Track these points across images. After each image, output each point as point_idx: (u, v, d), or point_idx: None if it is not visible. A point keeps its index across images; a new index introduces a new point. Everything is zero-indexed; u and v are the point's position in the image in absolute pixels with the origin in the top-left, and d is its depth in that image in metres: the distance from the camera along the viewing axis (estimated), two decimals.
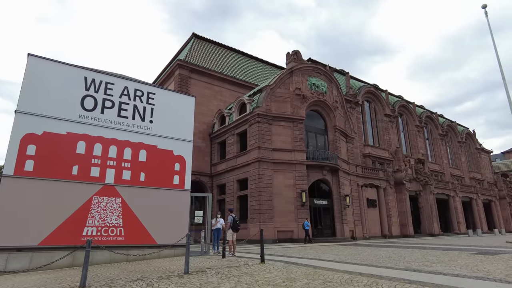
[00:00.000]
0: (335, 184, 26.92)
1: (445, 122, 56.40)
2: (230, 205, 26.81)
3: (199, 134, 30.60)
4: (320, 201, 26.25)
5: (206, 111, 31.57)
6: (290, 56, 27.99)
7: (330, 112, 28.39)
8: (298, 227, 23.54)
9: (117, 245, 11.42)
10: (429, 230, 35.78)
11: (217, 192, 29.21)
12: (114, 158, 12.13)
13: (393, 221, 32.47)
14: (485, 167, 62.69)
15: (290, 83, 26.87)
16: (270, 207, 23.36)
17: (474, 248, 16.00)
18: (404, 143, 46.65)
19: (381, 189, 32.65)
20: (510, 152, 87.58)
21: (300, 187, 24.34)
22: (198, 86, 31.79)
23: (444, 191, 41.14)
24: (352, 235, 27.96)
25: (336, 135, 28.29)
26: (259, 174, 23.80)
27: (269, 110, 25.45)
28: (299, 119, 25.94)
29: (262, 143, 24.50)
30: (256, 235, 22.68)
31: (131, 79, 13.51)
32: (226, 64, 36.39)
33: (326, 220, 26.57)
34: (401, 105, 47.37)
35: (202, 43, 36.52)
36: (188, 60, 32.20)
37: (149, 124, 13.17)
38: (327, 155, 26.66)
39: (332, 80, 29.80)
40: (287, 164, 24.72)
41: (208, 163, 30.41)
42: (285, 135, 25.51)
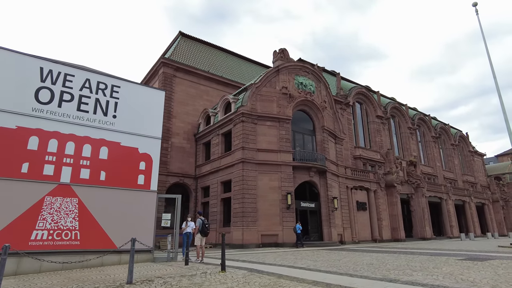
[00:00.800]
0: (323, 186, 26.00)
1: (438, 124, 55.89)
2: (214, 208, 25.79)
3: (183, 134, 29.60)
4: (307, 203, 25.30)
5: (191, 110, 30.60)
6: (277, 54, 27.15)
7: (318, 112, 27.54)
8: (283, 231, 22.55)
9: (72, 250, 10.40)
10: (421, 234, 34.95)
11: (202, 194, 28.18)
12: (71, 155, 11.12)
13: (384, 224, 31.59)
14: (478, 170, 62.21)
15: (277, 81, 26.01)
16: (254, 210, 22.37)
17: (463, 253, 15.12)
18: (397, 145, 45.96)
19: (372, 191, 31.80)
20: (503, 155, 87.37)
21: (286, 189, 23.39)
22: (183, 85, 30.84)
23: (437, 194, 40.40)
24: (340, 239, 27.01)
25: (324, 136, 27.43)
26: (242, 176, 22.83)
27: (254, 110, 24.54)
28: (285, 118, 25.05)
29: (247, 143, 23.56)
30: (238, 239, 21.76)
31: (93, 70, 12.53)
32: (213, 63, 35.51)
33: (313, 224, 25.60)
34: (393, 106, 46.74)
35: (189, 41, 35.63)
36: (174, 59, 31.26)
37: (112, 119, 12.18)
38: (314, 156, 25.77)
39: (321, 80, 29.00)
40: (272, 165, 23.78)
41: (192, 164, 29.39)
42: (271, 135, 24.59)
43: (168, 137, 28.57)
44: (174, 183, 28.11)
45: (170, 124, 28.96)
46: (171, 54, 31.85)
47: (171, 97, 29.72)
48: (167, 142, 28.40)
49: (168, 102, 29.37)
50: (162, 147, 28.03)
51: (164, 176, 27.57)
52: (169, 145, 28.44)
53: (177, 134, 29.19)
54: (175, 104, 29.81)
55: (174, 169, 28.21)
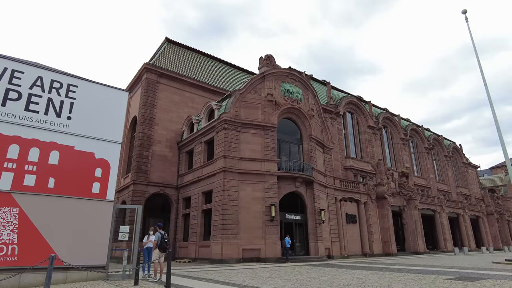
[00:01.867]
0: (310, 198, 24.83)
1: (431, 135, 55.26)
2: (195, 220, 24.46)
3: (166, 142, 28.43)
4: (293, 216, 24.06)
5: (175, 118, 29.51)
6: (263, 61, 26.33)
7: (305, 121, 26.58)
8: (265, 245, 21.23)
9: (6, 268, 9.09)
10: (414, 248, 33.68)
11: (183, 205, 26.84)
12: (14, 160, 9.92)
13: (375, 238, 30.32)
14: (472, 182, 61.40)
15: (262, 88, 25.09)
16: (234, 222, 21.08)
17: (454, 271, 13.95)
18: (389, 156, 45.10)
19: (362, 203, 30.64)
20: (497, 167, 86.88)
21: (270, 200, 22.18)
22: (167, 91, 29.83)
23: (430, 206, 39.31)
24: (328, 253, 25.69)
25: (312, 145, 26.40)
26: (223, 186, 21.62)
27: (238, 116, 23.51)
28: (270, 126, 24.04)
29: (229, 151, 22.44)
30: (217, 254, 20.40)
31: (47, 68, 11.45)
32: (200, 70, 34.64)
33: (299, 237, 24.31)
34: (385, 117, 46.05)
35: (175, 48, 34.82)
36: (159, 65, 30.35)
37: (66, 121, 11.03)
38: (301, 165, 24.66)
39: (308, 88, 28.15)
40: (256, 175, 22.62)
41: (175, 174, 28.12)
42: (255, 143, 23.51)
43: (149, 145, 27.39)
44: (154, 193, 26.79)
45: (151, 131, 27.82)
46: (155, 60, 30.95)
47: (154, 104, 28.67)
48: (148, 150, 27.21)
49: (150, 109, 28.38)
50: (143, 156, 27.06)
51: (144, 186, 26.30)
52: (150, 153, 27.23)
53: (159, 142, 28.01)
54: (158, 111, 28.73)
55: (154, 179, 26.92)
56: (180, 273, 13.27)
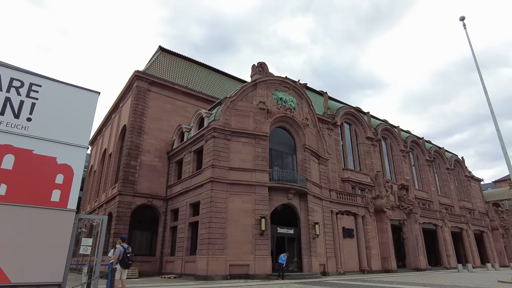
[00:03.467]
0: (303, 210, 23.63)
1: (432, 147, 54.13)
2: (182, 233, 23.25)
3: (155, 152, 27.46)
4: (285, 229, 22.81)
5: (166, 127, 28.63)
6: (255, 68, 25.61)
7: (299, 130, 25.64)
8: (255, 261, 19.94)
9: None
10: (415, 264, 32.11)
11: (171, 218, 25.65)
12: None
13: (373, 253, 28.87)
14: (475, 196, 59.82)
15: (254, 96, 24.26)
16: (222, 236, 19.87)
17: None
18: (388, 169, 43.91)
19: (360, 217, 29.32)
20: (501, 181, 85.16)
21: (260, 213, 21.00)
22: (158, 100, 29.07)
23: (432, 220, 37.84)
24: (323, 270, 24.30)
25: (306, 155, 25.36)
26: (211, 197, 20.51)
27: (228, 125, 22.60)
28: (262, 135, 23.08)
29: (218, 161, 21.42)
30: (202, 270, 19.13)
31: (7, 65, 10.60)
32: (193, 78, 34.00)
33: (292, 252, 22.98)
34: (385, 128, 45.09)
35: (169, 56, 34.29)
36: (151, 73, 29.71)
37: (25, 123, 10.06)
38: (294, 176, 23.56)
39: (303, 96, 27.32)
40: (246, 186, 21.53)
41: (164, 184, 27.04)
42: (246, 153, 22.51)
43: (138, 155, 26.43)
44: (141, 205, 25.66)
45: (140, 140, 26.91)
46: (147, 68, 30.34)
47: (144, 112, 27.86)
48: (136, 160, 26.23)
49: (140, 118, 27.57)
50: (130, 166, 26.06)
51: (130, 197, 25.21)
52: (137, 163, 26.24)
53: (147, 151, 27.05)
54: (147, 120, 27.89)
55: (142, 190, 25.85)
56: None
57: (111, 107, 34.82)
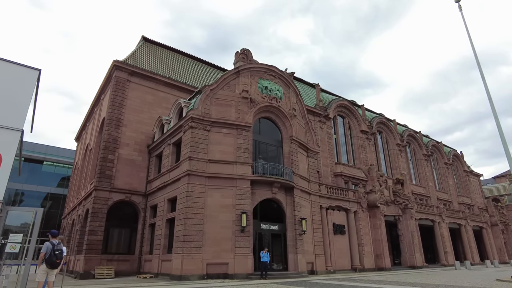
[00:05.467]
0: (290, 205, 22.21)
1: (430, 142, 52.61)
2: (159, 231, 21.85)
3: (134, 145, 26.00)
4: (269, 225, 21.40)
5: (146, 119, 27.16)
6: (239, 55, 24.14)
7: (286, 121, 24.18)
8: (234, 259, 18.55)
9: None
10: (411, 262, 30.69)
11: (150, 214, 24.24)
12: None
13: (366, 251, 27.45)
14: (475, 191, 58.38)
15: (236, 84, 22.80)
16: (199, 233, 18.46)
17: None
18: (384, 163, 42.45)
19: (352, 212, 27.88)
20: (501, 176, 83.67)
21: (242, 208, 19.58)
22: (138, 91, 27.59)
23: (428, 216, 36.39)
24: (311, 268, 22.91)
25: (293, 147, 23.91)
26: (187, 191, 19.07)
27: (208, 114, 21.15)
28: (244, 126, 21.63)
29: (195, 153, 19.98)
30: (177, 269, 17.73)
31: None
32: (177, 69, 32.51)
33: (276, 250, 21.62)
34: (380, 121, 43.58)
35: (152, 47, 32.79)
36: (131, 63, 28.22)
37: None
38: (279, 169, 22.10)
39: (290, 85, 25.84)
40: (226, 179, 20.11)
41: (144, 180, 25.60)
42: (227, 144, 21.07)
43: (115, 148, 24.98)
44: (119, 201, 24.24)
45: (118, 133, 25.45)
46: (127, 58, 28.82)
47: (123, 104, 26.39)
48: (113, 154, 24.79)
49: (118, 109, 26.10)
50: (107, 160, 24.62)
51: (107, 193, 23.79)
52: (115, 157, 24.80)
53: (126, 144, 25.60)
54: (127, 112, 26.42)
55: (120, 185, 24.42)
56: None
57: (93, 101, 33.36)
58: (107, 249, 23.62)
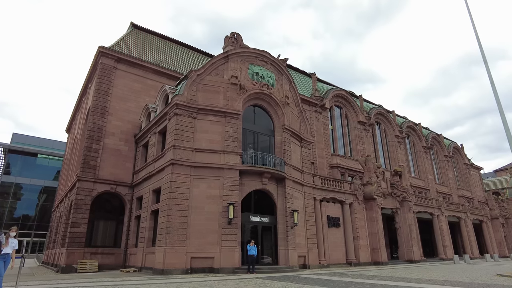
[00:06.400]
0: (281, 197, 21.21)
1: (430, 134, 51.46)
2: (144, 223, 20.92)
3: (120, 135, 24.96)
4: (259, 218, 20.42)
5: (133, 108, 26.09)
6: (228, 39, 22.96)
7: (278, 109, 23.08)
8: (221, 253, 17.61)
9: None
10: (408, 256, 29.80)
11: (136, 206, 23.28)
12: None
13: (362, 244, 26.53)
14: (475, 185, 57.38)
15: (225, 70, 21.66)
16: (183, 226, 17.49)
17: None
18: (382, 155, 41.39)
19: (347, 205, 26.91)
20: (502, 170, 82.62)
21: (229, 199, 18.59)
22: (125, 79, 26.47)
23: (427, 209, 35.44)
24: (304, 262, 22.00)
25: (285, 137, 22.84)
26: (171, 182, 18.06)
27: (194, 101, 20.06)
28: (233, 113, 20.54)
29: (180, 141, 18.92)
30: (160, 263, 16.81)
31: None
32: (167, 56, 31.35)
33: (267, 243, 20.69)
34: (378, 112, 42.41)
35: (141, 33, 31.60)
36: (119, 50, 27.05)
37: None
38: (271, 160, 21.05)
39: (283, 72, 24.68)
40: (213, 169, 19.09)
41: (130, 170, 24.62)
42: (214, 132, 20.00)
43: (100, 137, 23.96)
44: (104, 192, 23.29)
45: (103, 122, 24.40)
46: (114, 45, 27.65)
47: (108, 92, 25.31)
48: (98, 143, 23.77)
49: (103, 97, 25.06)
50: (91, 149, 23.61)
51: (91, 183, 22.83)
52: (100, 146, 23.78)
53: (112, 134, 24.56)
54: (113, 100, 25.34)
55: (105, 176, 23.44)
56: None
57: (81, 90, 32.28)
58: (91, 242, 22.73)
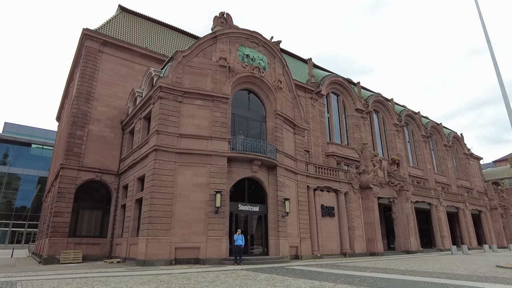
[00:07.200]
0: (272, 185, 20.32)
1: (429, 123, 50.44)
2: (129, 212, 20.06)
3: (106, 121, 23.94)
4: (249, 206, 19.53)
5: (120, 93, 25.00)
6: (217, 20, 21.75)
7: (270, 94, 22.02)
8: (207, 243, 16.80)
9: None
10: (405, 246, 29.08)
11: (123, 195, 22.41)
12: None
13: (357, 234, 25.76)
14: (474, 175, 56.61)
15: (213, 51, 20.52)
16: (167, 214, 16.63)
17: (441, 283, 9.45)
18: (380, 144, 40.46)
19: (342, 194, 26.04)
20: (502, 160, 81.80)
21: (217, 187, 17.69)
22: (112, 63, 25.32)
23: (425, 199, 34.64)
24: (296, 253, 21.23)
25: (278, 123, 21.84)
26: (154, 169, 17.13)
27: (180, 84, 18.99)
28: (221, 97, 19.49)
29: (165, 126, 17.93)
30: (142, 254, 15.99)
31: None
32: (157, 40, 30.11)
33: (257, 233, 19.88)
34: (376, 100, 41.30)
35: (129, 16, 30.30)
36: (105, 33, 25.83)
37: None
38: (262, 146, 20.08)
39: (276, 55, 23.53)
40: (199, 156, 18.14)
41: (117, 158, 23.68)
42: (201, 117, 18.99)
43: (85, 124, 22.94)
44: (89, 181, 22.39)
45: (88, 108, 23.35)
46: (100, 27, 26.42)
47: (94, 76, 24.19)
48: (83, 130, 22.76)
49: (88, 82, 23.97)
50: (75, 136, 22.62)
51: (75, 171, 21.90)
52: (84, 133, 22.78)
53: (97, 120, 23.54)
54: (98, 85, 24.24)
55: (90, 163, 22.50)
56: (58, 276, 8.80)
57: (68, 76, 31.12)
58: (76, 232, 21.90)
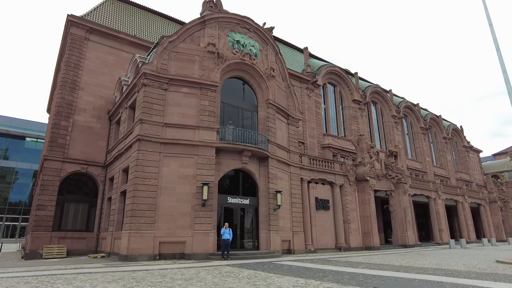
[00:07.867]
0: (263, 177, 19.51)
1: (428, 115, 49.53)
2: (114, 205, 19.26)
3: (93, 111, 23.03)
4: (238, 199, 18.74)
5: (107, 82, 24.06)
6: (206, 4, 20.71)
7: (261, 82, 21.10)
8: (193, 237, 16.04)
9: None
10: (402, 240, 28.39)
11: (109, 187, 21.61)
12: None
13: (352, 228, 25.03)
14: (474, 168, 55.87)
15: (202, 37, 19.55)
16: (150, 208, 15.84)
17: (437, 281, 8.67)
18: (378, 135, 39.61)
19: (337, 186, 25.24)
20: (501, 154, 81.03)
21: (204, 179, 16.87)
22: (98, 51, 24.33)
23: (423, 192, 33.88)
24: (288, 247, 20.50)
25: (270, 112, 20.94)
26: (137, 160, 16.30)
27: (165, 70, 18.05)
28: (210, 85, 18.57)
29: (149, 115, 17.04)
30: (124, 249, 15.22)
31: None
32: (146, 28, 29.06)
33: (248, 227, 19.12)
34: (374, 91, 40.33)
35: (117, 3, 29.18)
36: (92, 20, 24.81)
37: None
38: (252, 137, 19.21)
39: (268, 42, 22.54)
40: (186, 146, 17.30)
41: (103, 149, 22.83)
42: (188, 106, 18.09)
43: (70, 114, 22.04)
44: (74, 173, 21.56)
45: (73, 97, 22.43)
46: (86, 14, 25.38)
47: (79, 65, 23.21)
48: (67, 120, 21.87)
49: (74, 71, 23.02)
50: (60, 126, 21.73)
51: (59, 163, 21.05)
52: (69, 123, 21.89)
53: (83, 110, 22.64)
54: (84, 73, 23.28)
55: (75, 155, 21.65)
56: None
57: (56, 66, 30.12)
58: (60, 226, 21.14)
